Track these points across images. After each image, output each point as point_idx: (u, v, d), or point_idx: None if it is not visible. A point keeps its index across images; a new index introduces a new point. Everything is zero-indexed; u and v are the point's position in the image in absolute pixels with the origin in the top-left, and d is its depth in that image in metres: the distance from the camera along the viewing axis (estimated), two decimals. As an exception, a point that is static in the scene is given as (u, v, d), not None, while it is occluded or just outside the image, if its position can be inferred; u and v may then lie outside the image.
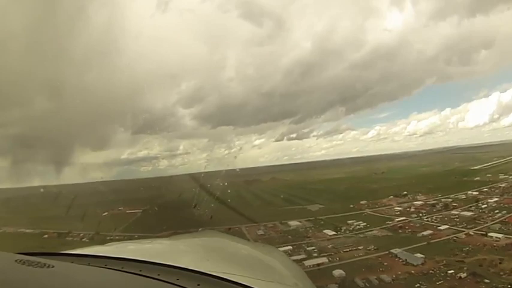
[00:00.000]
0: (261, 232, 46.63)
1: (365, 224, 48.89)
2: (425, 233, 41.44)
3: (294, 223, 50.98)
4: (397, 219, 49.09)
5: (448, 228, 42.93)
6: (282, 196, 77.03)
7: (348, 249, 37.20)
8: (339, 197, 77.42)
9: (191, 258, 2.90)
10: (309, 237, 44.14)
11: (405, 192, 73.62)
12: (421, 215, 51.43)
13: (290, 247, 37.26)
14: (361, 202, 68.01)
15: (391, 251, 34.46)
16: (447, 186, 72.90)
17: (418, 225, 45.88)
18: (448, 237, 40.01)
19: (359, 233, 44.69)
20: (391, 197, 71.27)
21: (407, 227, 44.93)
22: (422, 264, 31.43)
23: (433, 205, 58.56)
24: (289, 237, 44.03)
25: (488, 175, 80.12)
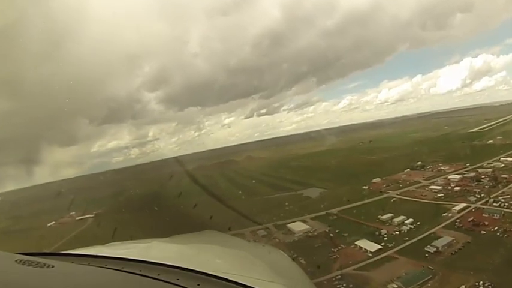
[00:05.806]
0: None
1: (411, 219, 30.77)
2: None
3: (298, 226, 31.21)
4: (455, 208, 31.51)
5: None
6: (265, 179, 56.94)
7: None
8: (337, 175, 59.36)
9: (191, 258, 2.86)
10: (337, 256, 24.43)
11: (420, 163, 58.07)
12: (478, 196, 34.75)
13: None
14: (374, 181, 50.31)
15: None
16: (464, 153, 58.44)
17: (496, 216, 28.68)
18: None
19: (416, 240, 26.11)
20: (408, 170, 54.72)
21: (486, 223, 27.43)
22: None
23: (477, 179, 42.47)
24: (302, 261, 23.90)
25: (499, 137, 68.55)
